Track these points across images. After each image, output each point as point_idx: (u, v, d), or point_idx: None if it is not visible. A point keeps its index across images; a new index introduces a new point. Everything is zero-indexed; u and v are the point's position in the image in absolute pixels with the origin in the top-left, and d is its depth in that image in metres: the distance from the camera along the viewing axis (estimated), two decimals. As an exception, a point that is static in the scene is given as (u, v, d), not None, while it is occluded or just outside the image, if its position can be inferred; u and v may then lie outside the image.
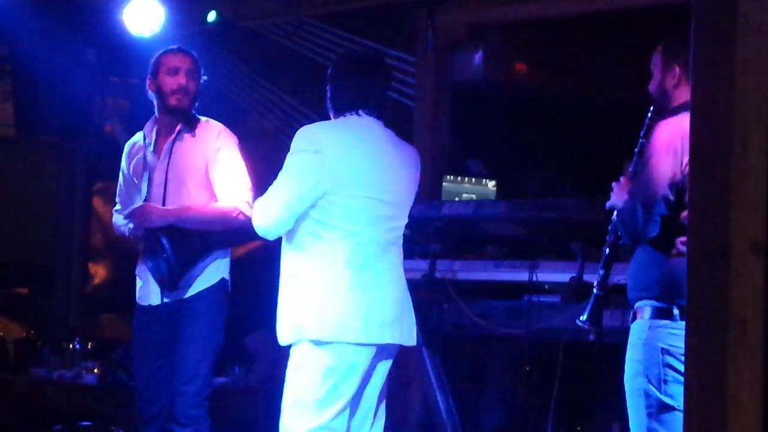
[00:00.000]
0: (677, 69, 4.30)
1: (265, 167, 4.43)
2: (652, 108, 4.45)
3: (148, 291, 5.24)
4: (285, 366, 4.39)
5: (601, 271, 4.48)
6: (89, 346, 7.77)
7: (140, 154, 5.33)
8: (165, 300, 5.18)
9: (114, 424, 6.64)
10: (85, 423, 5.02)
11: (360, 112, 4.45)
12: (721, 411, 2.84)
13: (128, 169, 5.40)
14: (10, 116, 8.90)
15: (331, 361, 4.29)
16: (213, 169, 5.17)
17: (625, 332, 4.37)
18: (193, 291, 5.16)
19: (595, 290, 4.52)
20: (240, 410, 6.90)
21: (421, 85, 7.55)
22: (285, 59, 8.20)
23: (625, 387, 4.28)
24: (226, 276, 5.23)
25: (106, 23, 8.01)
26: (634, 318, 4.27)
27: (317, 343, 4.29)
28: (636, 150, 4.41)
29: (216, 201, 5.17)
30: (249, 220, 4.66)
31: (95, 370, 7.30)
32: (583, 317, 4.53)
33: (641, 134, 4.42)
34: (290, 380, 4.36)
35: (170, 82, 5.23)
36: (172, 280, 5.08)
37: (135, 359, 5.37)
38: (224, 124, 5.32)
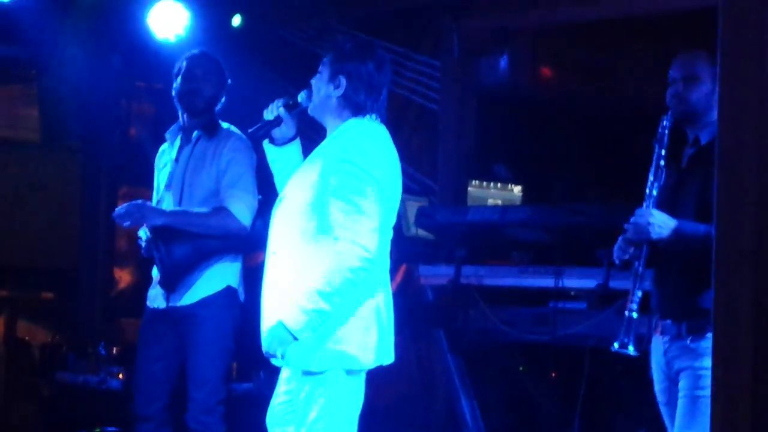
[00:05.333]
0: None
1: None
2: (671, 114, 4.30)
3: (156, 294, 5.29)
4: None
5: (640, 293, 4.22)
6: (114, 351, 7.76)
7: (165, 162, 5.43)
8: (170, 304, 5.22)
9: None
10: (110, 429, 5.02)
11: (375, 115, 4.17)
12: (752, 413, 2.82)
13: (156, 176, 5.47)
14: (36, 121, 8.93)
15: (356, 387, 4.16)
16: (222, 176, 5.23)
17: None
18: (195, 297, 5.20)
19: (632, 313, 4.23)
20: (265, 416, 6.87)
21: (447, 90, 7.53)
22: (310, 63, 8.17)
23: (694, 394, 4.12)
24: (234, 284, 5.25)
25: (131, 28, 8.02)
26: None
27: (351, 372, 4.13)
28: (661, 163, 4.27)
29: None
30: (237, 221, 5.06)
31: (120, 375, 7.28)
32: (627, 347, 4.21)
33: (663, 143, 4.28)
34: (314, 404, 4.21)
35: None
36: (166, 280, 5.14)
37: (137, 358, 5.40)
38: (249, 128, 5.35)
